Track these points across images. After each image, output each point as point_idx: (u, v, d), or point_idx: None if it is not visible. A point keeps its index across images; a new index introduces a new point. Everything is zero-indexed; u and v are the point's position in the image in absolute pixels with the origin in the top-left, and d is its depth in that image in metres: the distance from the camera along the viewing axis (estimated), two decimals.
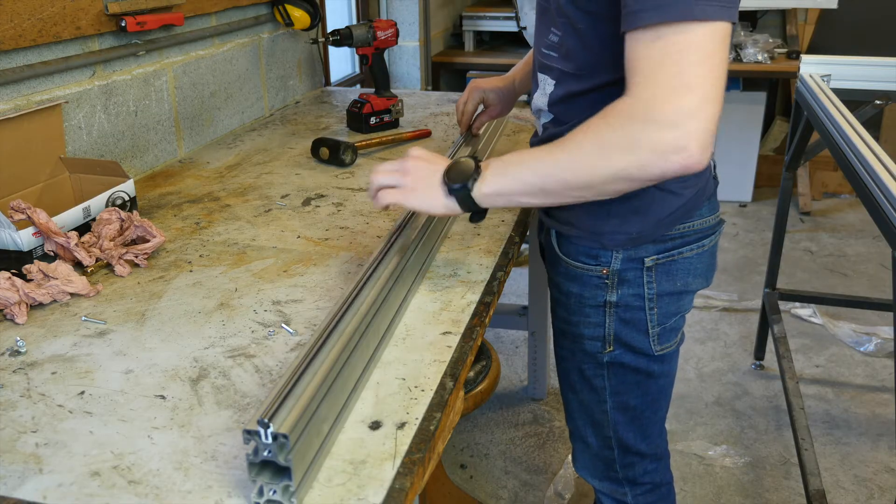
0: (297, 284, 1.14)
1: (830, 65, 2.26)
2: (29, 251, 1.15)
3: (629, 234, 1.09)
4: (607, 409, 1.25)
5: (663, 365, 1.21)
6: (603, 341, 1.18)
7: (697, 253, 1.14)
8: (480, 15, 3.78)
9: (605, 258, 1.12)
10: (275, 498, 0.68)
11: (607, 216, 1.09)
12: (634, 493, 1.34)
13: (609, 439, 1.28)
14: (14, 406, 0.85)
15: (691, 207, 1.10)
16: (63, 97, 1.42)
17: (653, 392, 1.24)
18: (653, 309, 1.15)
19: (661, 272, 1.12)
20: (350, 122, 2.00)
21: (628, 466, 1.31)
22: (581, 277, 1.15)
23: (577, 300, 1.17)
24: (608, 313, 1.15)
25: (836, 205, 4.07)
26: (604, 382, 1.22)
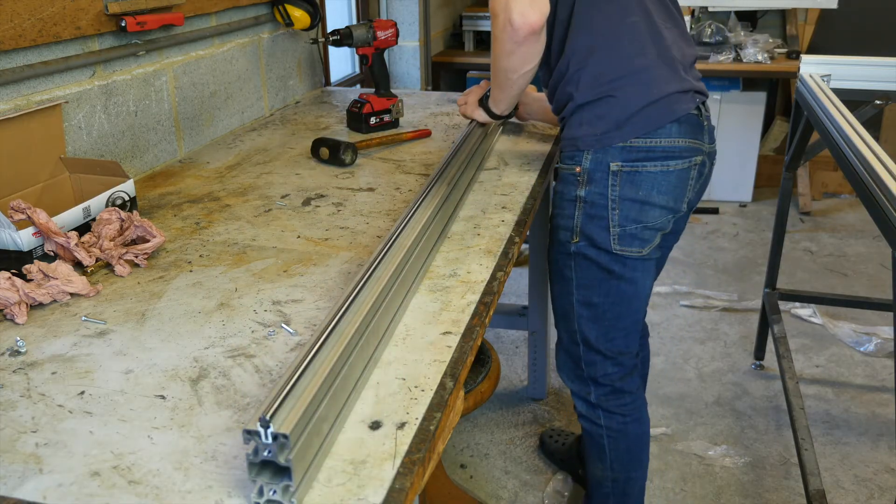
0: (297, 284, 1.14)
1: (830, 65, 2.26)
2: (29, 251, 1.15)
3: (595, 135, 1.37)
4: (573, 301, 1.49)
5: (625, 268, 1.43)
6: (572, 232, 1.43)
7: (661, 170, 1.37)
8: (480, 15, 3.78)
9: (579, 158, 1.40)
10: (275, 498, 0.68)
11: (580, 125, 1.39)
12: (597, 392, 1.56)
13: (575, 333, 1.51)
14: (14, 406, 0.86)
15: (648, 119, 1.35)
16: (63, 97, 1.42)
17: (615, 294, 1.45)
18: (615, 210, 1.38)
19: (625, 179, 1.37)
20: (350, 122, 2.00)
21: (590, 364, 1.53)
22: (563, 177, 1.44)
23: (558, 196, 1.46)
24: (578, 206, 1.41)
25: (836, 205, 4.07)
26: (571, 273, 1.47)
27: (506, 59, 1.37)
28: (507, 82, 1.45)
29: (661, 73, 1.36)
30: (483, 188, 1.53)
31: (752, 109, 3.86)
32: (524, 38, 1.29)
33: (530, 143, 1.83)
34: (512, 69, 1.39)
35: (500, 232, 1.31)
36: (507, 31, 1.29)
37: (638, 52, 1.36)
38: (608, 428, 1.58)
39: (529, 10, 1.25)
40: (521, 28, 1.27)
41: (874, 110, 2.14)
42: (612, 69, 1.35)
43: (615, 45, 1.36)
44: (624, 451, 1.61)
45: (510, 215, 1.38)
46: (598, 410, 1.58)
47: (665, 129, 1.35)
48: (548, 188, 1.90)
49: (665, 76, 1.37)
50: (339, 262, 1.21)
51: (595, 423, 1.59)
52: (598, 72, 1.36)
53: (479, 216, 1.38)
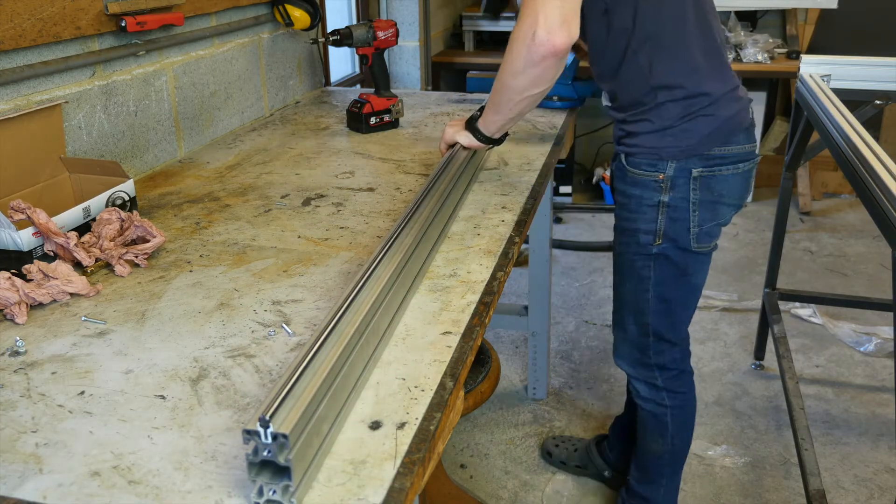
0: (297, 284, 1.14)
1: (830, 65, 2.26)
2: (29, 251, 1.15)
3: (680, 147, 1.44)
4: (649, 298, 1.57)
5: (697, 263, 1.54)
6: (654, 234, 1.51)
7: (733, 173, 1.47)
8: (480, 15, 3.78)
9: (662, 167, 1.46)
10: (275, 498, 0.68)
11: (663, 135, 1.44)
12: (664, 376, 1.67)
13: (646, 326, 1.61)
14: (14, 406, 0.86)
15: (728, 132, 1.44)
16: (63, 97, 1.42)
17: (685, 289, 1.58)
18: (695, 212, 1.47)
19: (703, 183, 1.46)
20: (350, 122, 2.00)
21: (659, 353, 1.65)
22: (642, 182, 1.49)
23: (637, 201, 1.51)
24: (660, 211, 1.49)
25: (836, 205, 4.07)
26: (650, 273, 1.55)
27: (514, 77, 1.29)
28: (508, 103, 1.36)
29: (733, 92, 1.47)
30: (483, 188, 1.53)
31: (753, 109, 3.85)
32: (542, 57, 1.23)
33: (530, 143, 1.83)
34: (518, 89, 1.31)
35: (500, 232, 1.31)
36: (526, 45, 1.22)
37: (717, 75, 1.44)
38: (673, 407, 1.70)
39: (558, 29, 1.20)
40: (542, 45, 1.21)
41: (874, 110, 2.14)
42: (700, 99, 1.42)
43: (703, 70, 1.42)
44: (684, 425, 1.74)
45: (510, 215, 1.38)
46: (664, 392, 1.69)
47: (736, 137, 1.46)
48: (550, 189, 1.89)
49: (736, 94, 1.48)
50: (339, 262, 1.21)
51: (660, 405, 1.70)
52: (688, 103, 1.42)
53: (479, 216, 1.38)
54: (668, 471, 1.79)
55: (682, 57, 1.41)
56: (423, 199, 1.24)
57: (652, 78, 1.41)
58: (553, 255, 3.13)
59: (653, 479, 1.80)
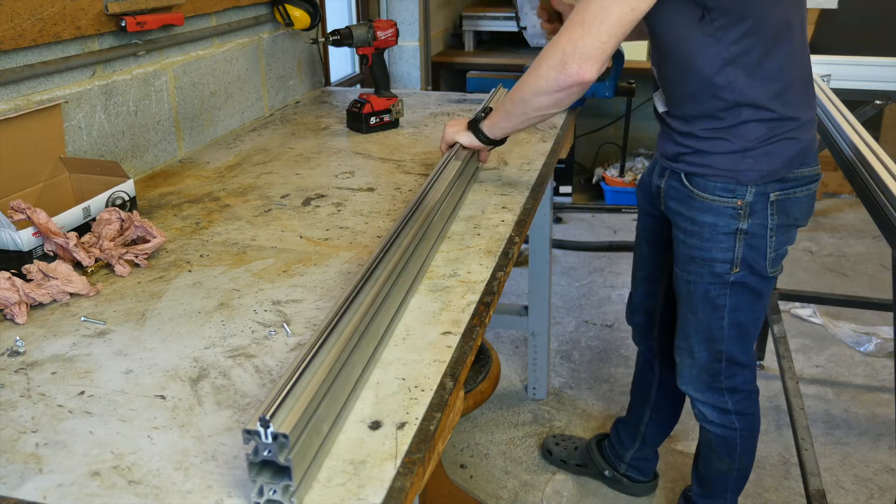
0: (297, 284, 1.14)
1: (830, 65, 2.26)
2: (29, 251, 1.15)
3: (761, 172, 1.36)
4: (724, 326, 1.51)
5: (769, 285, 1.50)
6: (732, 264, 1.44)
7: (805, 195, 1.42)
8: (480, 15, 3.78)
9: (741, 192, 1.38)
10: (275, 498, 0.68)
11: (743, 158, 1.36)
12: (734, 399, 1.61)
13: (720, 353, 1.55)
14: (14, 406, 0.86)
15: (806, 153, 1.39)
16: (63, 97, 1.42)
17: (758, 310, 1.52)
18: (772, 237, 1.42)
19: (780, 207, 1.40)
20: (350, 121, 2.00)
21: (731, 377, 1.58)
22: (716, 209, 1.41)
23: (710, 229, 1.43)
24: (738, 239, 1.42)
25: (836, 205, 4.07)
26: (726, 301, 1.49)
27: (536, 96, 1.31)
28: (522, 116, 1.38)
29: (814, 112, 1.43)
30: (483, 188, 1.53)
31: None
32: (568, 87, 1.24)
33: (530, 143, 1.83)
34: (537, 107, 1.33)
35: (500, 232, 1.31)
36: (556, 73, 1.24)
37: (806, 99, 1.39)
38: (742, 429, 1.65)
39: (592, 64, 1.21)
40: (571, 77, 1.22)
41: (874, 110, 2.15)
42: (788, 123, 1.35)
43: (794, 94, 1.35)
44: (752, 444, 1.70)
45: (510, 215, 1.38)
46: (733, 416, 1.63)
47: (809, 158, 1.41)
48: (550, 189, 1.89)
49: (815, 116, 1.44)
50: (339, 262, 1.21)
51: (729, 428, 1.64)
52: (774, 125, 1.34)
53: (479, 216, 1.38)
54: (732, 486, 1.76)
55: (780, 75, 1.32)
56: (423, 199, 1.24)
57: (740, 94, 1.32)
58: (553, 255, 3.13)
59: (716, 494, 1.78)
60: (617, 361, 2.66)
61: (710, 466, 1.74)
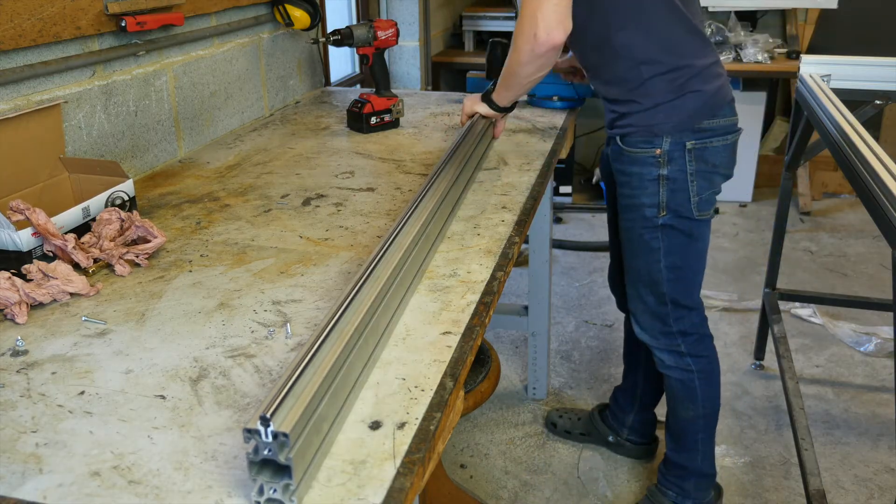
0: (297, 284, 1.14)
1: (830, 65, 2.26)
2: (28, 251, 1.14)
3: (672, 123, 1.54)
4: (661, 268, 1.66)
5: (701, 229, 1.64)
6: (658, 207, 1.60)
7: (722, 144, 1.58)
8: (480, 15, 3.78)
9: (658, 142, 1.56)
10: (275, 497, 0.68)
11: (655, 113, 1.54)
12: (686, 342, 1.75)
13: (663, 295, 1.69)
14: (14, 406, 0.86)
15: (714, 105, 1.55)
16: (63, 97, 1.42)
17: (693, 253, 1.67)
18: (693, 182, 1.58)
19: (697, 155, 1.56)
20: (351, 121, 2.00)
21: (679, 320, 1.72)
22: (640, 160, 1.59)
23: (637, 177, 1.60)
24: (661, 184, 1.58)
25: (836, 205, 4.07)
26: (659, 244, 1.64)
27: (522, 66, 1.50)
28: (517, 84, 1.59)
29: (715, 66, 1.58)
30: (483, 188, 1.53)
31: (752, 109, 3.86)
32: (544, 52, 1.42)
33: (530, 143, 1.83)
34: (526, 75, 1.53)
35: (500, 232, 1.31)
36: (530, 43, 1.42)
37: (696, 49, 1.54)
38: (699, 371, 1.77)
39: (555, 28, 1.39)
40: (544, 43, 1.40)
41: (874, 110, 2.14)
42: (684, 71, 1.52)
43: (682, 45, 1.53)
44: (711, 386, 1.80)
45: (510, 215, 1.38)
46: (688, 358, 1.76)
47: (722, 110, 1.57)
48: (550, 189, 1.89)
49: (717, 68, 1.59)
50: (339, 262, 1.21)
51: (686, 370, 1.77)
52: (672, 76, 1.52)
53: (479, 216, 1.38)
54: (702, 436, 1.84)
55: (660, 32, 1.51)
56: (423, 198, 1.24)
57: (634, 54, 1.51)
58: (553, 255, 3.13)
59: (689, 446, 1.86)
60: (617, 361, 2.66)
61: (676, 417, 1.85)
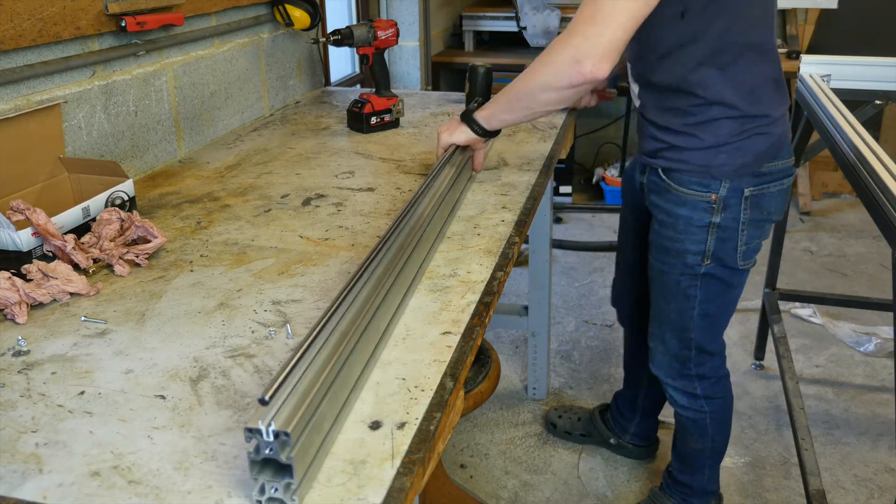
0: (298, 284, 1.14)
1: (830, 65, 2.26)
2: (28, 251, 1.14)
3: (734, 166, 1.39)
4: (694, 316, 1.56)
5: (741, 278, 1.55)
6: (703, 255, 1.49)
7: (779, 189, 1.46)
8: (480, 15, 3.78)
9: (715, 187, 1.42)
10: (276, 496, 0.68)
11: (716, 154, 1.39)
12: (703, 385, 1.68)
13: (689, 341, 1.60)
14: (14, 406, 0.86)
15: (778, 147, 1.42)
16: (63, 97, 1.42)
17: (728, 300, 1.58)
18: (744, 231, 1.46)
19: (753, 202, 1.43)
20: (351, 121, 2.00)
21: (700, 364, 1.64)
22: (691, 202, 1.44)
23: (685, 221, 1.47)
24: (710, 232, 1.46)
25: (836, 205, 4.07)
26: (696, 292, 1.53)
27: (545, 92, 1.29)
28: (525, 110, 1.36)
29: (787, 109, 1.45)
30: (483, 188, 1.53)
31: None
32: (581, 84, 1.23)
33: (530, 143, 1.83)
34: (545, 102, 1.31)
35: (500, 232, 1.31)
36: (569, 69, 1.21)
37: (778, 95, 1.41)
38: (712, 412, 1.71)
39: (605, 62, 1.18)
40: (586, 75, 1.20)
41: (874, 110, 2.14)
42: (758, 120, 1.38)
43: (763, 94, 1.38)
44: (723, 424, 1.76)
45: (510, 215, 1.38)
46: (702, 400, 1.69)
47: (782, 152, 1.43)
48: (550, 189, 1.89)
49: (787, 111, 1.45)
50: (339, 262, 1.21)
51: (699, 412, 1.71)
52: (744, 121, 1.37)
53: (479, 216, 1.38)
54: (709, 462, 1.83)
55: (753, 74, 1.35)
56: (422, 198, 1.23)
57: (712, 92, 1.35)
58: (553, 255, 3.13)
59: (695, 470, 1.85)
60: (617, 361, 2.66)
61: (685, 445, 1.82)
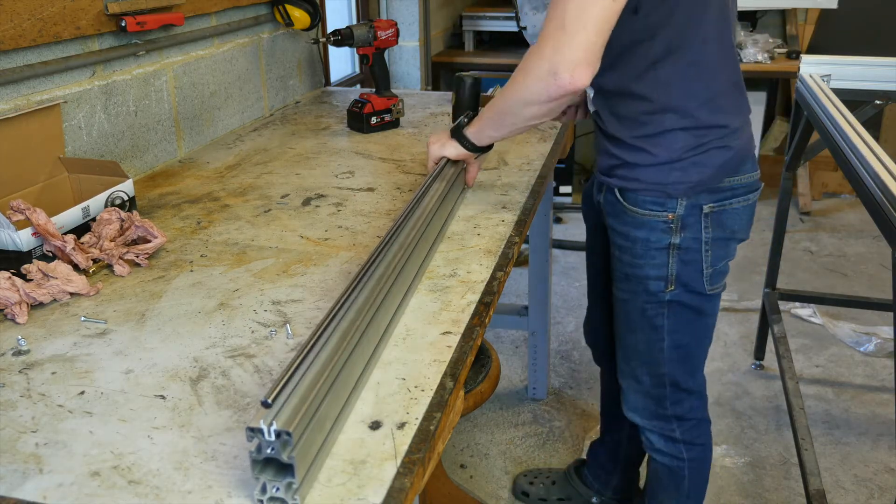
0: (298, 284, 1.14)
1: (830, 65, 2.26)
2: (28, 251, 1.14)
3: (690, 183, 1.28)
4: (664, 348, 1.41)
5: (711, 304, 1.41)
6: (666, 281, 1.35)
7: (743, 206, 1.33)
8: (480, 15, 3.78)
9: (671, 205, 1.30)
10: (278, 495, 0.68)
11: (670, 170, 1.28)
12: (682, 428, 1.51)
13: (662, 377, 1.45)
14: (14, 406, 0.85)
15: (739, 161, 1.30)
16: (63, 97, 1.42)
17: (701, 330, 1.43)
18: (708, 251, 1.33)
19: (714, 219, 1.31)
20: (351, 121, 2.00)
21: (677, 403, 1.48)
22: (648, 224, 1.32)
23: (643, 244, 1.34)
24: (671, 255, 1.33)
25: (836, 205, 4.07)
26: (663, 321, 1.39)
27: (525, 107, 1.21)
28: (511, 126, 1.30)
29: (747, 119, 1.35)
30: (483, 188, 1.53)
31: (752, 109, 3.84)
32: (560, 96, 1.13)
33: (530, 143, 1.83)
34: (528, 117, 1.24)
35: (500, 232, 1.31)
36: (544, 82, 1.12)
37: (736, 103, 1.31)
38: (690, 460, 1.54)
39: (582, 69, 1.08)
40: (564, 86, 1.10)
41: (874, 110, 2.14)
42: (715, 132, 1.26)
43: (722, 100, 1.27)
44: (701, 478, 1.59)
45: (510, 215, 1.38)
46: (681, 445, 1.53)
47: (745, 166, 1.32)
48: (550, 189, 1.89)
49: (748, 121, 1.35)
50: (340, 262, 1.21)
51: (676, 458, 1.54)
52: (700, 133, 1.26)
53: (479, 216, 1.38)
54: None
55: (704, 77, 1.24)
56: (422, 198, 1.23)
57: (665, 95, 1.24)
58: (553, 255, 3.13)
59: None
60: None
61: (659, 501, 1.61)
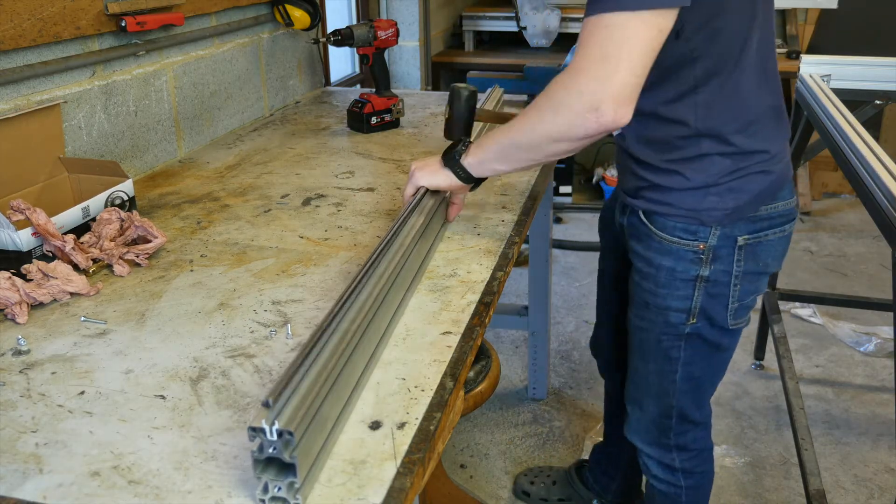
0: (297, 284, 1.14)
1: (830, 65, 2.26)
2: (28, 251, 1.14)
3: (726, 210, 1.19)
4: (676, 380, 1.35)
5: (731, 339, 1.33)
6: (688, 314, 1.27)
7: (779, 237, 1.24)
8: (480, 15, 3.78)
9: (703, 234, 1.21)
10: (280, 495, 0.68)
11: (705, 195, 1.19)
12: (682, 458, 1.45)
13: (670, 408, 1.38)
14: (14, 406, 0.85)
15: (778, 187, 1.21)
16: (63, 97, 1.42)
17: (717, 364, 1.36)
18: (737, 286, 1.25)
19: (748, 252, 1.22)
20: (351, 121, 2.00)
21: (681, 434, 1.42)
22: (676, 252, 1.23)
23: (668, 273, 1.25)
24: (698, 287, 1.25)
25: (836, 205, 4.07)
26: (679, 353, 1.32)
27: (553, 144, 1.08)
28: (526, 161, 1.16)
29: (787, 142, 1.25)
30: (483, 188, 1.53)
31: None
32: (600, 133, 1.01)
33: None
34: (550, 154, 1.11)
35: (500, 232, 1.31)
36: (584, 119, 1.00)
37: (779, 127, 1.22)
38: (688, 488, 1.49)
39: (624, 107, 0.98)
40: (606, 124, 0.99)
41: (874, 110, 2.14)
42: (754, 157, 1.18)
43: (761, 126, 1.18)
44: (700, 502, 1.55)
45: (510, 215, 1.38)
46: (679, 474, 1.48)
47: (782, 192, 1.22)
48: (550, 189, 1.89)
49: (788, 144, 1.26)
50: (339, 262, 1.21)
51: (675, 486, 1.49)
52: (738, 159, 1.17)
53: (479, 216, 1.38)
54: None
55: (745, 102, 1.16)
56: (421, 198, 1.23)
57: (703, 120, 1.15)
58: (553, 255, 3.13)
59: None
60: None
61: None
